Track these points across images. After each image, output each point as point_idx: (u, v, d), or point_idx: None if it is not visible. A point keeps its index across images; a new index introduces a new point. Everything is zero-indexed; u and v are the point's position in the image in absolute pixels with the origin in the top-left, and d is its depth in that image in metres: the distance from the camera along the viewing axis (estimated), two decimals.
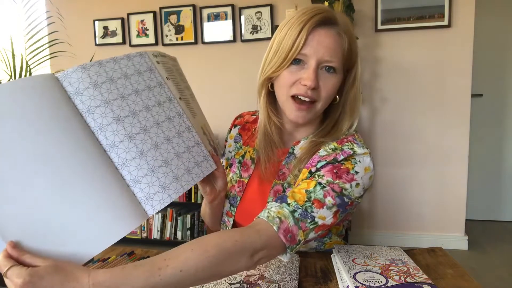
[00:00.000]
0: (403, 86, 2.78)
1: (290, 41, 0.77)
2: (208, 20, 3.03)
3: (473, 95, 2.73)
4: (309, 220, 0.70)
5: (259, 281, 0.73)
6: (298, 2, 2.74)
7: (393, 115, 2.82)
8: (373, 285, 0.67)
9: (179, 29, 3.10)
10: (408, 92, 2.77)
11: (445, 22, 2.63)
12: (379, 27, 2.73)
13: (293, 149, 0.89)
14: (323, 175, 0.75)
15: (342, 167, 0.76)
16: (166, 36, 3.13)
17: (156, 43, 3.15)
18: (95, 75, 0.58)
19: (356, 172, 0.76)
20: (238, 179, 0.95)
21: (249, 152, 0.96)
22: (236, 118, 1.04)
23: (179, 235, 2.95)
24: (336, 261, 0.80)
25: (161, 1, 3.10)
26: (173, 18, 3.10)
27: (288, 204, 0.70)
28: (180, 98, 0.70)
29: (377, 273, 0.71)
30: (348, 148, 0.79)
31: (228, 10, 2.98)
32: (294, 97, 0.81)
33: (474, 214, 3.25)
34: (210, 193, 0.85)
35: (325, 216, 0.72)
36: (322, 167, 0.77)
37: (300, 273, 0.79)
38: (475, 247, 2.79)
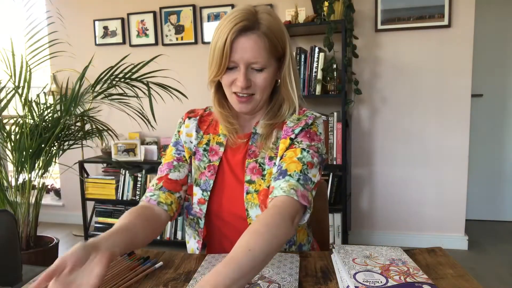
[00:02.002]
0: (403, 86, 2.78)
1: (220, 51, 0.90)
2: (208, 20, 3.03)
3: (473, 95, 2.73)
4: (309, 182, 0.87)
5: (259, 281, 0.74)
6: (298, 2, 2.74)
7: (393, 115, 2.82)
8: (373, 285, 0.67)
9: (179, 29, 3.10)
10: (408, 92, 2.77)
11: (445, 22, 2.63)
12: (379, 27, 2.73)
13: (255, 129, 1.00)
14: (301, 141, 0.93)
15: (311, 131, 0.96)
16: (166, 36, 3.13)
17: (156, 43, 3.15)
18: None
19: (320, 133, 0.97)
20: (207, 164, 1.02)
21: (213, 138, 1.04)
22: (188, 113, 1.10)
23: (179, 235, 2.95)
24: (336, 261, 0.80)
25: (161, 1, 3.10)
26: (173, 18, 3.10)
27: (291, 176, 0.86)
28: None
29: (377, 273, 0.71)
30: (310, 114, 0.98)
31: (228, 10, 2.97)
32: (235, 93, 0.94)
33: (474, 214, 3.25)
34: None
35: (315, 174, 0.90)
36: (299, 133, 0.94)
37: (300, 273, 0.79)
38: (475, 247, 2.79)
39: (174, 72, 2.65)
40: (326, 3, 2.53)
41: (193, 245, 1.03)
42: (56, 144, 2.24)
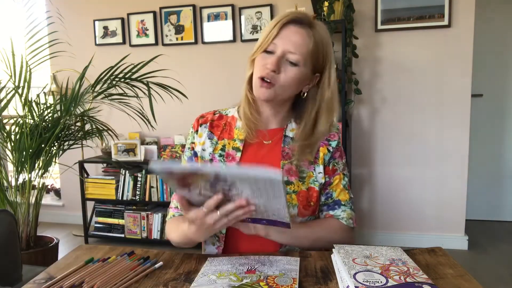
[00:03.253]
0: (403, 86, 2.78)
1: (265, 33, 0.94)
2: (208, 20, 3.04)
3: (473, 95, 2.73)
4: (353, 203, 1.06)
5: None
6: (298, 2, 2.74)
7: (393, 115, 2.82)
8: (373, 285, 0.67)
9: (179, 29, 3.10)
10: (408, 92, 2.77)
11: (445, 22, 2.63)
12: (379, 27, 2.73)
13: (286, 132, 1.02)
14: (338, 161, 1.04)
15: (341, 149, 1.05)
16: (166, 36, 3.13)
17: (156, 43, 3.15)
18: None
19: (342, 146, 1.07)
20: None
21: (229, 143, 1.03)
22: (198, 119, 1.09)
23: None
24: (336, 261, 0.80)
25: (161, 1, 3.10)
26: (173, 18, 3.10)
27: (344, 205, 1.03)
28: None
29: (377, 273, 0.71)
30: (337, 126, 1.06)
31: (228, 10, 2.98)
32: (261, 79, 0.94)
33: (474, 214, 3.25)
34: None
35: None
36: (335, 150, 1.03)
37: (300, 273, 0.79)
38: (475, 247, 2.79)
39: (174, 72, 2.65)
40: (326, 3, 2.53)
41: (211, 251, 1.02)
42: (56, 144, 2.24)
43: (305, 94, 1.00)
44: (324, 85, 0.98)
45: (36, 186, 2.26)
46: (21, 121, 2.15)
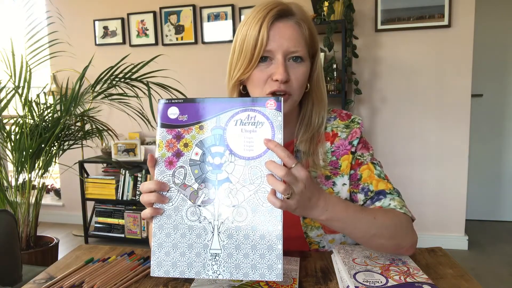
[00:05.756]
0: (403, 86, 2.78)
1: (252, 40, 0.78)
2: (208, 20, 3.04)
3: (473, 95, 2.73)
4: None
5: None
6: (298, 2, 2.74)
7: (393, 115, 2.82)
8: (373, 285, 0.67)
9: (179, 29, 3.10)
10: (408, 92, 2.77)
11: (445, 22, 2.63)
12: (379, 27, 2.73)
13: (297, 147, 0.90)
14: (362, 154, 0.91)
15: (365, 140, 0.94)
16: (166, 36, 3.13)
17: (156, 43, 3.15)
18: None
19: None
20: None
21: None
22: None
23: None
24: (336, 261, 0.80)
25: (161, 1, 3.10)
26: (173, 18, 3.10)
27: (391, 193, 0.85)
28: None
29: (377, 273, 0.71)
30: (358, 119, 0.93)
31: (228, 10, 2.98)
32: (272, 94, 0.81)
33: (474, 214, 3.25)
34: None
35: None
36: (357, 145, 0.90)
37: (300, 273, 0.79)
38: (475, 247, 2.79)
39: (174, 72, 2.65)
40: (326, 3, 2.53)
41: None
42: (56, 144, 2.24)
43: (308, 87, 0.87)
44: (319, 64, 0.88)
45: (36, 186, 2.26)
46: (21, 121, 2.15)
